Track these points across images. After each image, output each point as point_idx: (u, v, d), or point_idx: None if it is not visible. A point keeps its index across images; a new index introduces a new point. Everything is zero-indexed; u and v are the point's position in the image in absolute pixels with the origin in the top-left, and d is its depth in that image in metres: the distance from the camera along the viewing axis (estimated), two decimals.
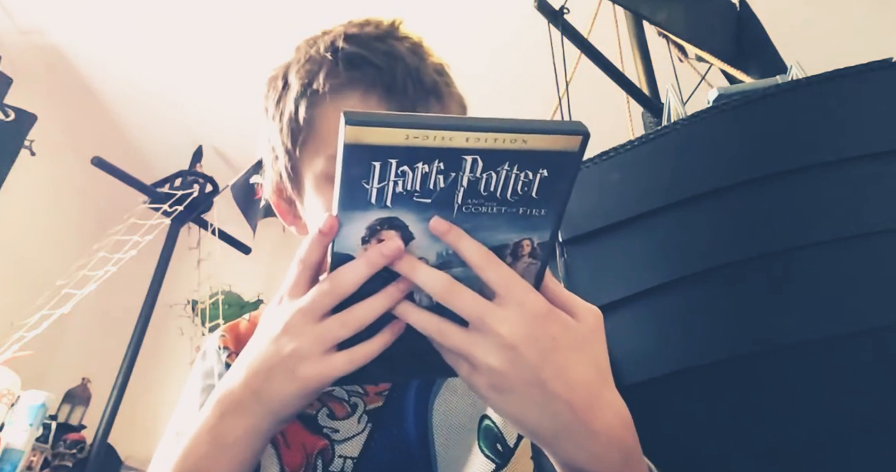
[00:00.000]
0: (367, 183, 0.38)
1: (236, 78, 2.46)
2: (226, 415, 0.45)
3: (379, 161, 0.37)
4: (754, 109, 0.72)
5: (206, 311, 2.95)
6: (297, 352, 0.42)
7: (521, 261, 0.42)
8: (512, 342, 0.39)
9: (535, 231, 0.41)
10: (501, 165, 0.38)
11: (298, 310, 0.43)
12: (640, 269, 0.73)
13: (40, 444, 2.18)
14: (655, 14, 1.37)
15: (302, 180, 0.62)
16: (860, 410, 0.64)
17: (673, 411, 0.71)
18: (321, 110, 0.59)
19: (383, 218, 0.40)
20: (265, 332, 0.45)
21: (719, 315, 0.69)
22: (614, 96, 1.53)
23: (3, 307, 2.46)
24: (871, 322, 0.64)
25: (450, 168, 0.37)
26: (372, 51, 0.58)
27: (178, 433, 0.61)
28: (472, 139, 0.36)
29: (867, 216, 0.66)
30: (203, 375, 0.66)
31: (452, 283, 0.40)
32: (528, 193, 0.39)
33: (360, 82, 0.58)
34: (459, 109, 0.65)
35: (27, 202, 2.71)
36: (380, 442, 0.59)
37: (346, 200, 0.39)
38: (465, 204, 0.39)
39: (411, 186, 0.38)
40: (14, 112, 2.29)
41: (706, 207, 0.71)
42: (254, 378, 0.44)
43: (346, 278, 0.41)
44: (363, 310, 0.42)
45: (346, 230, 0.40)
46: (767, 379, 0.67)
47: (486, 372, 0.40)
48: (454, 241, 0.40)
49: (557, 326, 0.40)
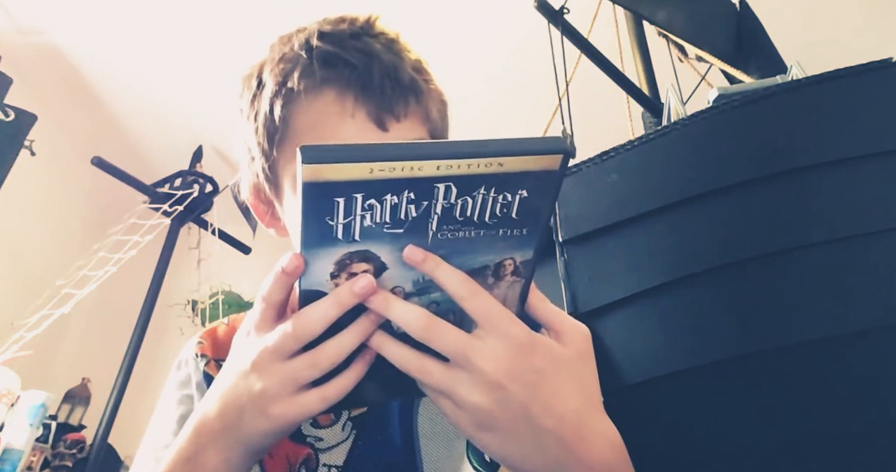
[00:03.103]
0: (331, 220, 0.35)
1: (237, 78, 2.46)
2: (203, 447, 0.44)
3: (343, 197, 0.34)
4: (754, 109, 0.72)
5: (206, 311, 2.95)
6: (266, 392, 0.41)
7: (504, 280, 0.39)
8: (496, 379, 0.37)
9: (516, 250, 0.38)
10: (477, 190, 0.35)
11: (264, 349, 0.41)
12: (640, 269, 0.73)
13: (40, 444, 2.18)
14: (655, 14, 1.37)
15: (280, 181, 0.60)
16: (860, 410, 0.64)
17: (673, 411, 0.71)
18: (296, 109, 0.57)
19: (353, 252, 0.37)
20: (235, 365, 0.44)
21: (719, 315, 0.69)
22: (614, 96, 1.53)
23: (3, 307, 2.46)
24: (870, 322, 0.64)
25: (421, 197, 0.35)
26: (347, 49, 0.57)
27: (155, 449, 0.60)
28: (444, 167, 0.33)
29: (867, 216, 0.66)
30: (178, 385, 0.65)
31: (431, 319, 0.38)
32: (508, 214, 0.36)
33: (336, 81, 0.56)
34: (439, 105, 0.63)
35: (27, 202, 2.71)
36: (364, 450, 0.58)
37: (311, 237, 0.36)
38: (440, 231, 0.36)
39: (380, 219, 0.35)
40: (14, 112, 2.29)
41: (706, 208, 0.71)
42: (227, 412, 0.43)
43: (311, 320, 0.39)
44: (333, 348, 0.40)
45: (313, 267, 0.38)
46: (767, 379, 0.67)
47: (470, 410, 0.38)
48: (431, 270, 0.38)
49: (543, 357, 0.39)
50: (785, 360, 0.66)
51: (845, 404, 0.65)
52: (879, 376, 0.64)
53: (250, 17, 2.32)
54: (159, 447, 0.60)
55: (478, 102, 2.39)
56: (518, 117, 2.41)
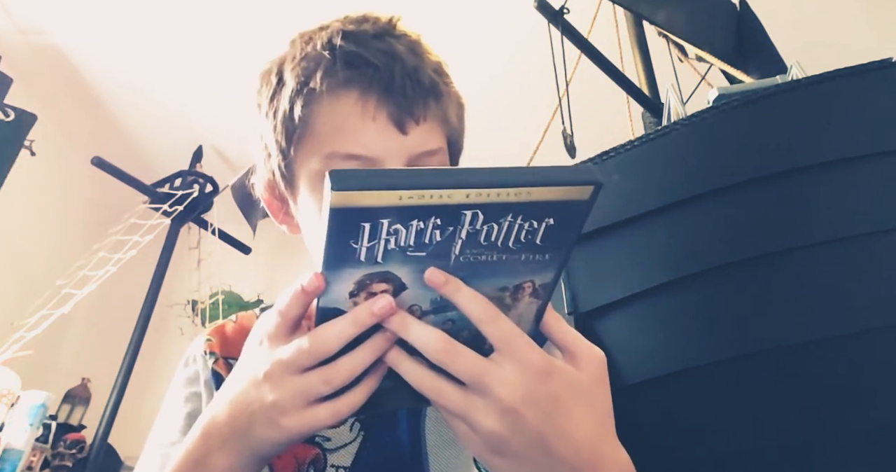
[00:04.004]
0: (355, 243, 0.35)
1: (237, 78, 2.46)
2: (212, 451, 0.44)
3: (369, 222, 0.34)
4: (754, 109, 0.72)
5: (206, 311, 2.95)
6: (278, 404, 0.41)
7: (522, 301, 0.39)
8: (512, 405, 0.37)
9: (537, 274, 0.38)
10: (504, 217, 0.34)
11: (278, 361, 0.41)
12: (640, 269, 0.73)
13: (40, 444, 2.18)
14: (655, 14, 1.37)
15: (296, 180, 0.60)
16: (861, 410, 0.64)
17: (673, 411, 0.71)
18: (317, 109, 0.57)
19: (373, 273, 0.37)
20: (247, 373, 0.44)
21: (719, 315, 0.69)
22: (614, 96, 1.53)
23: (3, 307, 2.46)
24: (871, 322, 0.64)
25: (448, 223, 0.34)
26: (370, 50, 0.57)
27: (161, 446, 0.60)
28: (473, 195, 0.33)
29: (867, 216, 0.66)
30: (186, 382, 0.65)
31: (448, 343, 0.38)
32: (532, 240, 0.36)
33: (358, 82, 0.56)
34: (457, 107, 0.63)
35: (27, 202, 2.71)
36: (372, 451, 0.58)
37: (333, 259, 0.36)
38: (462, 254, 0.36)
39: (405, 242, 0.35)
40: (14, 112, 2.29)
41: (706, 207, 0.71)
42: (237, 418, 0.43)
43: (329, 339, 0.39)
44: (347, 365, 0.40)
45: (334, 286, 0.38)
46: (767, 379, 0.67)
47: (484, 435, 0.38)
48: (452, 293, 0.37)
49: (559, 383, 0.38)
50: (785, 360, 0.66)
51: (846, 404, 0.65)
52: (880, 377, 0.64)
53: (250, 17, 2.32)
54: (166, 444, 0.60)
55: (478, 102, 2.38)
56: (518, 117, 2.41)
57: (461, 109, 0.65)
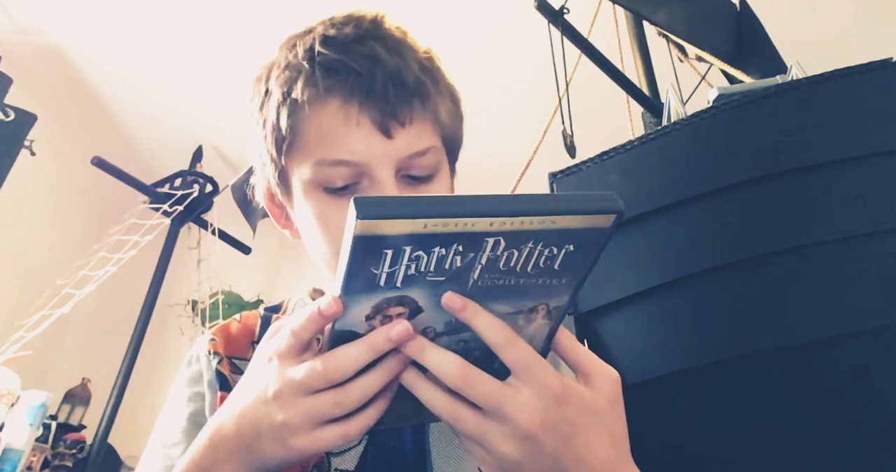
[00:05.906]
0: (376, 269, 0.35)
1: (236, 78, 2.46)
2: (219, 463, 0.44)
3: (391, 249, 0.34)
4: (754, 109, 0.72)
5: (206, 311, 2.95)
6: (287, 424, 0.40)
7: (535, 323, 0.39)
8: (530, 431, 0.37)
9: (552, 297, 0.38)
10: (525, 244, 0.35)
11: (290, 381, 0.40)
12: (640, 269, 0.73)
13: (40, 444, 2.18)
14: (655, 14, 1.37)
15: (290, 187, 0.61)
16: (861, 410, 0.64)
17: (673, 411, 0.71)
18: (302, 118, 0.57)
19: (391, 297, 0.37)
20: (255, 389, 0.43)
21: (719, 315, 0.69)
22: (614, 96, 1.53)
23: (3, 307, 2.46)
24: (871, 322, 0.64)
25: (469, 249, 0.35)
26: (351, 55, 0.56)
27: (164, 446, 0.60)
28: (497, 223, 0.33)
29: (868, 216, 0.66)
30: (189, 381, 0.64)
31: (466, 368, 0.38)
32: (551, 266, 0.36)
33: (340, 90, 0.56)
34: (450, 102, 0.63)
35: (27, 202, 2.71)
36: (376, 455, 0.58)
37: (353, 284, 0.36)
38: (481, 278, 0.36)
39: (425, 268, 0.35)
40: (14, 112, 2.29)
41: (706, 208, 0.71)
42: (245, 433, 0.43)
43: (344, 363, 0.39)
44: (360, 388, 0.39)
45: (351, 310, 0.38)
46: (767, 379, 0.67)
47: (500, 460, 0.38)
48: (469, 318, 0.37)
49: (575, 408, 0.38)
50: (785, 360, 0.66)
51: (846, 404, 0.64)
52: (880, 377, 0.64)
53: (250, 17, 2.32)
54: (168, 444, 0.60)
55: (478, 102, 2.38)
56: (518, 117, 2.41)
57: (455, 102, 0.64)
